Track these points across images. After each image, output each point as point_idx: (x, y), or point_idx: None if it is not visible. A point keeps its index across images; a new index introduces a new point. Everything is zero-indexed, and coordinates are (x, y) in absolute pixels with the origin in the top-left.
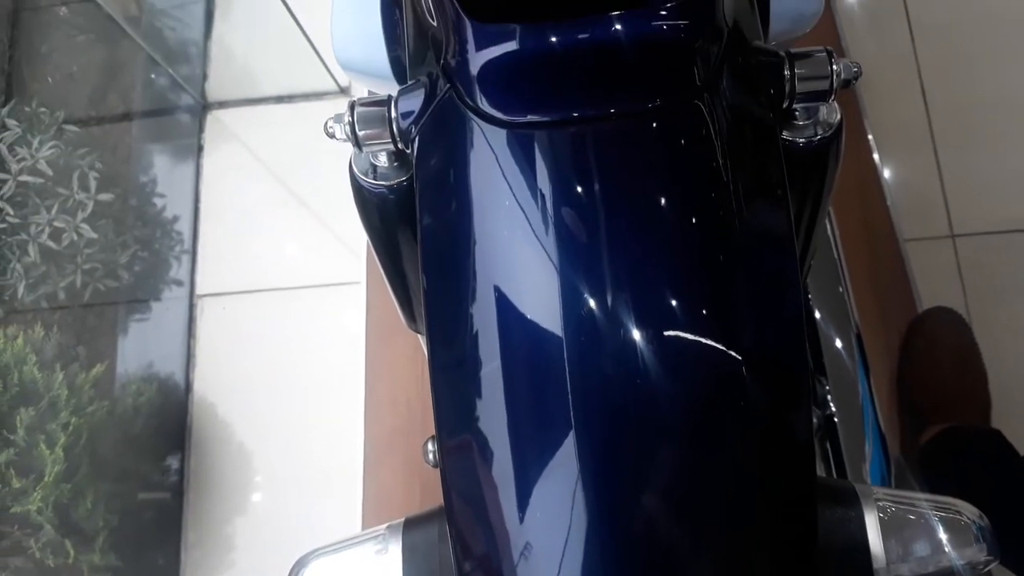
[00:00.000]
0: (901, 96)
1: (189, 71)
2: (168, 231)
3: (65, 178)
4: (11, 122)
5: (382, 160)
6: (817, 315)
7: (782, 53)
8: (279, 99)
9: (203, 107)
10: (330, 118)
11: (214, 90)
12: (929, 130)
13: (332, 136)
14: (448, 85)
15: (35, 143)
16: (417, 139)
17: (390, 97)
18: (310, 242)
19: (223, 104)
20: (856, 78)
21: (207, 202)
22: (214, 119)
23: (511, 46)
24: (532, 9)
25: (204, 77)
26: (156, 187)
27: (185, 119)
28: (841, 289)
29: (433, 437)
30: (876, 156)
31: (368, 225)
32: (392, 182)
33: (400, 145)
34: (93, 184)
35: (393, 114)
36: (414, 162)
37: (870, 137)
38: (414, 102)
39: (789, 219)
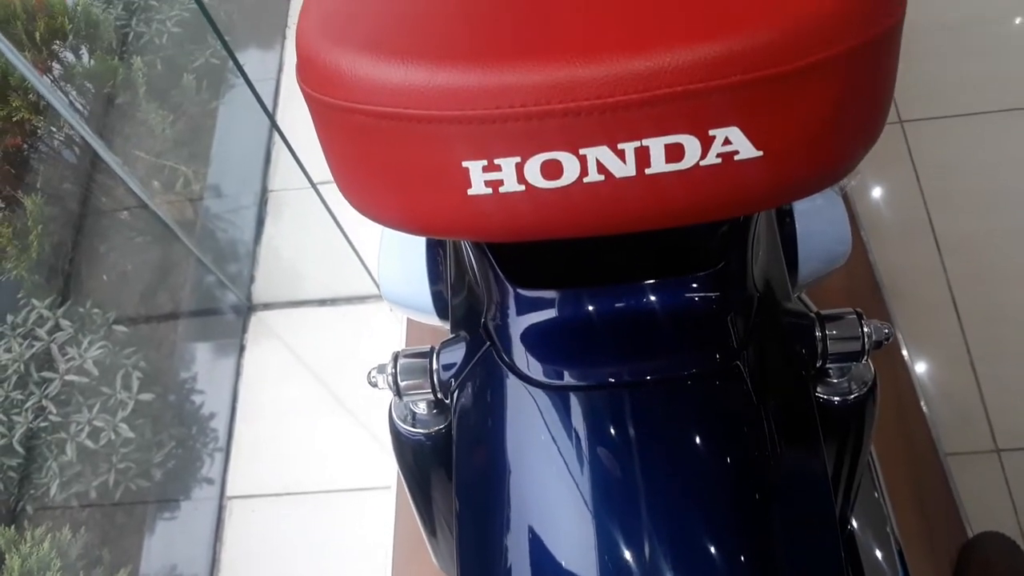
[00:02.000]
0: (933, 308)
1: (237, 272)
2: (204, 428)
3: (109, 377)
4: (65, 322)
5: (421, 408)
6: (854, 524)
7: (812, 314)
8: (322, 302)
9: (248, 308)
10: (373, 368)
11: (260, 292)
12: (964, 342)
13: (374, 385)
14: (489, 343)
15: (85, 343)
16: (457, 392)
17: (432, 349)
18: (344, 445)
19: (268, 306)
20: (887, 339)
21: (245, 401)
22: (258, 320)
23: (550, 314)
24: (571, 275)
25: (251, 279)
26: (196, 384)
27: (230, 319)
28: (877, 494)
29: None
30: (911, 367)
31: (403, 465)
32: (430, 430)
33: (439, 395)
34: (135, 384)
35: (435, 366)
36: (453, 414)
37: (903, 350)
38: (455, 355)
39: (825, 472)
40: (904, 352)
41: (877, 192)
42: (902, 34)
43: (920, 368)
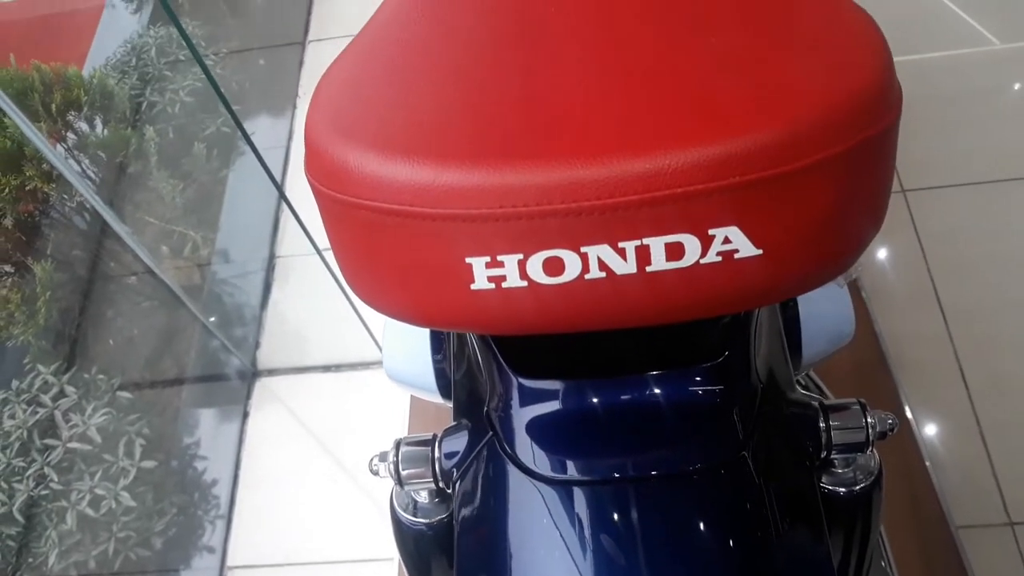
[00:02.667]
0: (940, 377)
1: (243, 337)
2: (206, 495)
3: (112, 444)
4: (69, 389)
5: (423, 496)
6: None
7: (816, 404)
8: (326, 368)
9: (253, 374)
10: (375, 455)
11: (265, 358)
12: (972, 411)
13: (376, 474)
14: (491, 432)
15: (88, 410)
16: (459, 482)
17: (434, 436)
18: (347, 514)
19: (272, 372)
20: (892, 430)
21: (247, 468)
22: (262, 386)
23: (554, 406)
24: (574, 367)
25: (257, 345)
26: (199, 450)
27: (235, 385)
28: (884, 563)
29: None
30: (919, 437)
31: (404, 553)
32: (432, 519)
33: (441, 484)
34: (138, 451)
35: (437, 454)
36: (455, 505)
37: (911, 419)
38: (457, 443)
39: (830, 564)
40: (912, 422)
41: (881, 261)
42: (899, 129)
43: (929, 438)
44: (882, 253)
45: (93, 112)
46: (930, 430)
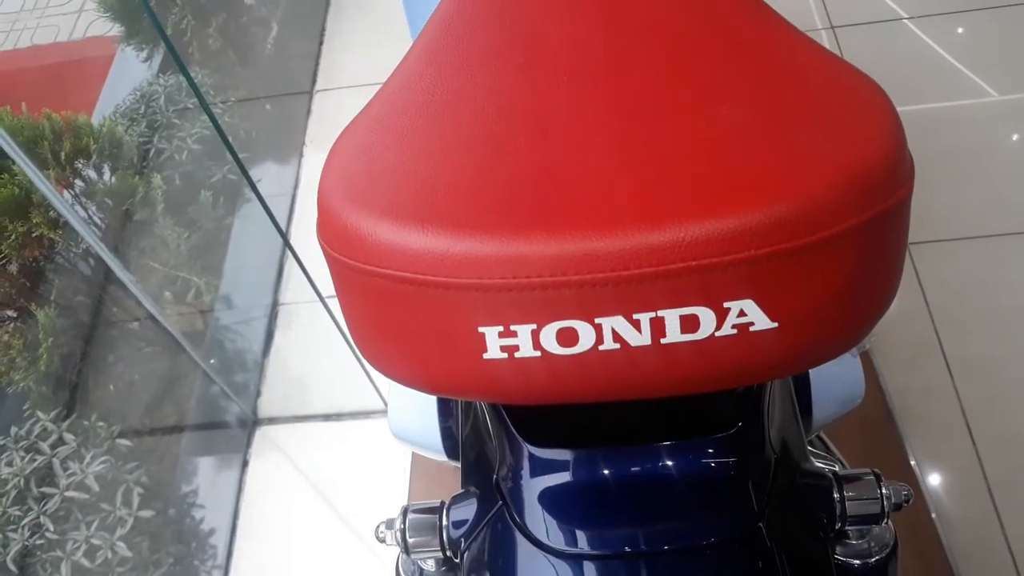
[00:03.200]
0: (946, 431)
1: (244, 384)
2: (203, 545)
3: (110, 493)
4: (68, 436)
5: (429, 564)
6: None
7: (830, 474)
8: (327, 417)
9: (253, 422)
10: (382, 523)
11: (266, 406)
12: (979, 466)
13: (382, 541)
14: (500, 502)
15: (87, 458)
16: (467, 552)
17: (442, 503)
18: (346, 565)
19: (273, 420)
20: (908, 501)
21: (246, 518)
22: (262, 434)
23: (565, 477)
24: (586, 436)
25: (258, 393)
26: (197, 498)
27: (235, 433)
28: None
29: None
30: (926, 492)
31: None
32: None
33: (449, 554)
34: (136, 500)
35: (444, 522)
36: (463, 575)
37: (916, 470)
38: (466, 512)
39: None
40: (919, 476)
41: (886, 315)
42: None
43: (936, 494)
44: None
45: (101, 160)
46: (938, 486)
